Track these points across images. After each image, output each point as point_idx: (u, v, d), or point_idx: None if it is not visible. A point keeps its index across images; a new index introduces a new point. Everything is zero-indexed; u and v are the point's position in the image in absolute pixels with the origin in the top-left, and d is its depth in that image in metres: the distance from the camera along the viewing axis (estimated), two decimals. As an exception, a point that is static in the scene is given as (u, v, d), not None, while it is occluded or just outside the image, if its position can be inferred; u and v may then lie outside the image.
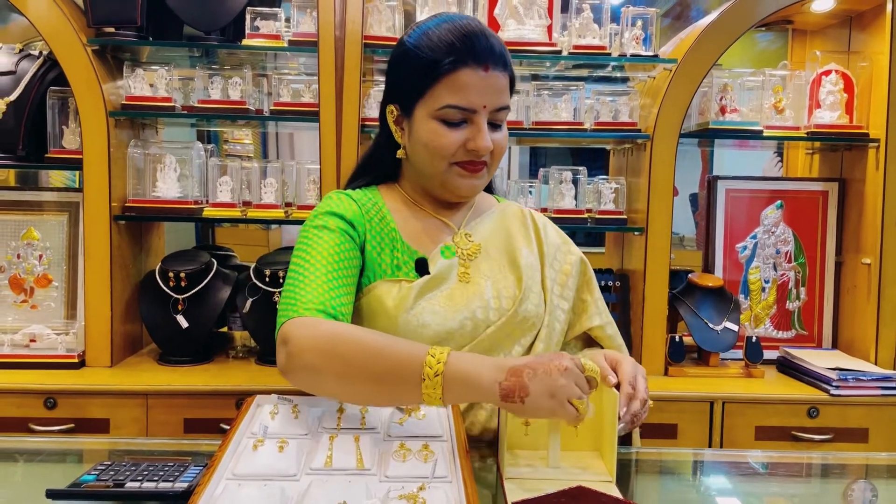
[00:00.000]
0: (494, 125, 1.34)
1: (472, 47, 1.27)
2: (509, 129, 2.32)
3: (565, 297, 1.45)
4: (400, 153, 1.39)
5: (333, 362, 1.10)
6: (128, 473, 1.08)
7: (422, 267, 1.35)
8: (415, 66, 1.30)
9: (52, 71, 2.26)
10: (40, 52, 2.28)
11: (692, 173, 3.98)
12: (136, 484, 1.05)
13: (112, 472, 1.08)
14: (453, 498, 0.96)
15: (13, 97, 2.21)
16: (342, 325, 1.17)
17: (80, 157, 2.19)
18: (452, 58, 1.26)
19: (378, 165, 1.46)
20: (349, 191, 1.42)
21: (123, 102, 2.23)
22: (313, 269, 1.23)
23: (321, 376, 1.11)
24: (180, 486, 1.04)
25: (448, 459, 1.06)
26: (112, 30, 2.20)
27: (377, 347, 1.09)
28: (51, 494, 1.02)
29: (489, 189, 1.56)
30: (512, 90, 1.36)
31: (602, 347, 1.47)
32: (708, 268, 2.54)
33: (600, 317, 1.48)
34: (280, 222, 2.37)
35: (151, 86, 2.25)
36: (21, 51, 2.27)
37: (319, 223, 1.32)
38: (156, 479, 1.07)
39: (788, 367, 2.36)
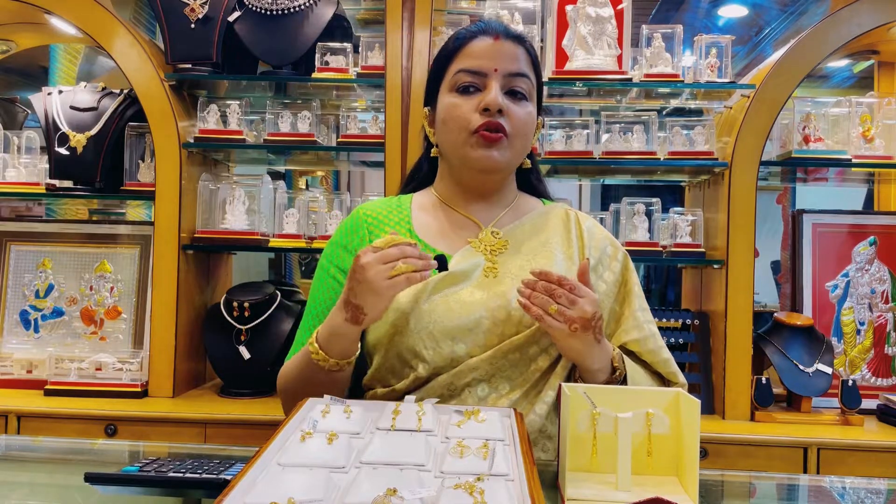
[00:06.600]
0: (513, 96, 1.31)
1: (483, 24, 1.35)
2: (577, 158, 2.32)
3: (604, 307, 1.34)
4: (434, 151, 1.41)
5: (284, 396, 1.35)
6: (171, 466, 1.02)
7: (441, 263, 1.28)
8: (438, 57, 1.37)
9: (130, 108, 2.34)
10: (121, 91, 2.36)
11: (773, 236, 3.77)
12: (179, 475, 0.99)
13: (156, 465, 1.03)
14: (515, 494, 0.86)
15: (93, 132, 2.29)
16: (284, 368, 1.35)
17: (153, 189, 2.24)
18: (465, 34, 1.34)
19: (417, 174, 1.49)
20: (371, 203, 1.45)
21: (196, 135, 2.28)
22: (304, 320, 1.38)
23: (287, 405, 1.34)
24: (225, 476, 0.98)
25: (510, 458, 0.97)
26: (189, 66, 2.28)
27: (294, 370, 1.31)
28: (89, 479, 0.97)
29: (536, 192, 1.48)
30: (537, 72, 1.36)
31: (647, 363, 1.34)
32: (795, 308, 2.37)
33: (639, 330, 1.33)
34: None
35: (224, 121, 2.29)
36: (103, 89, 2.37)
37: (323, 262, 1.40)
38: (199, 472, 1.00)
39: (891, 416, 2.15)
